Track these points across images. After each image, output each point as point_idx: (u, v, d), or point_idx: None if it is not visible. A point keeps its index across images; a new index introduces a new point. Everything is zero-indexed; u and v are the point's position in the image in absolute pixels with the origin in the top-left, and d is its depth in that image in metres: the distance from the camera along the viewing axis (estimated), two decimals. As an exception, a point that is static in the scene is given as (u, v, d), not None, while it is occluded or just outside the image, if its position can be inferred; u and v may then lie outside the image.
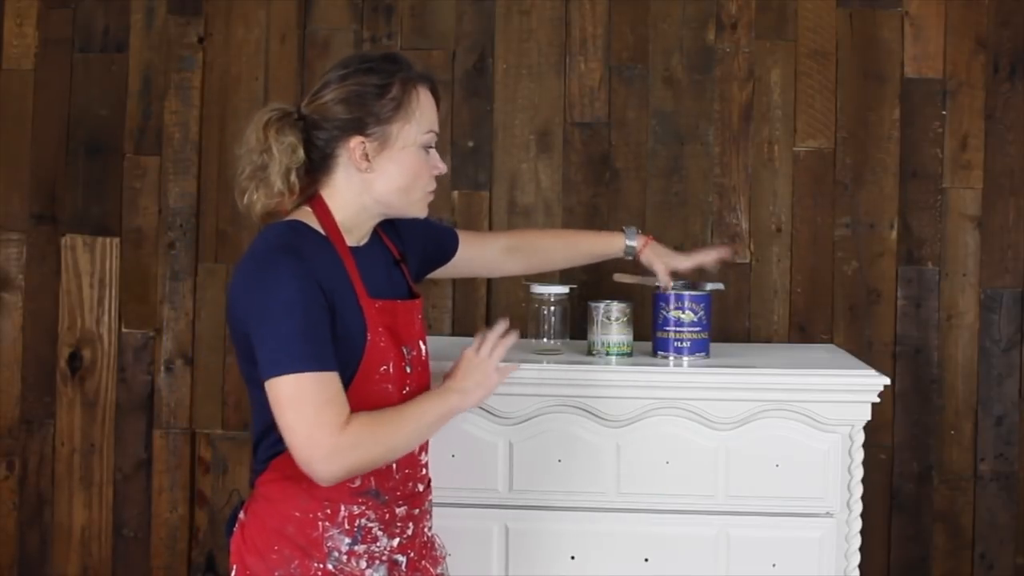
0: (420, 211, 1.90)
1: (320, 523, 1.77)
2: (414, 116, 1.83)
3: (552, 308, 2.49)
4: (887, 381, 2.31)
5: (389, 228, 2.00)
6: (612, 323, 2.44)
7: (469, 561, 2.34)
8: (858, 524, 2.33)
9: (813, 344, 2.90)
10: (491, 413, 2.35)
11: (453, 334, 2.96)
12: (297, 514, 1.77)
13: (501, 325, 1.92)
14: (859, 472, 2.32)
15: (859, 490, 2.33)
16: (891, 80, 2.94)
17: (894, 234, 2.94)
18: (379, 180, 1.83)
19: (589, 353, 2.47)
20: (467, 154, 2.99)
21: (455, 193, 2.99)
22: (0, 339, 3.04)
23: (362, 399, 1.75)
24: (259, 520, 1.80)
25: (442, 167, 1.90)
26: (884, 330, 2.93)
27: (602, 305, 2.45)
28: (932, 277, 2.93)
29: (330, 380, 1.68)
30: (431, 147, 1.87)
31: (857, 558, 2.34)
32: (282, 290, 1.68)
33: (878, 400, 2.32)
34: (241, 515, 1.85)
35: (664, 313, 2.43)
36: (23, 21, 3.04)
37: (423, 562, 1.91)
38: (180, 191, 3.01)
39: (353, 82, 1.81)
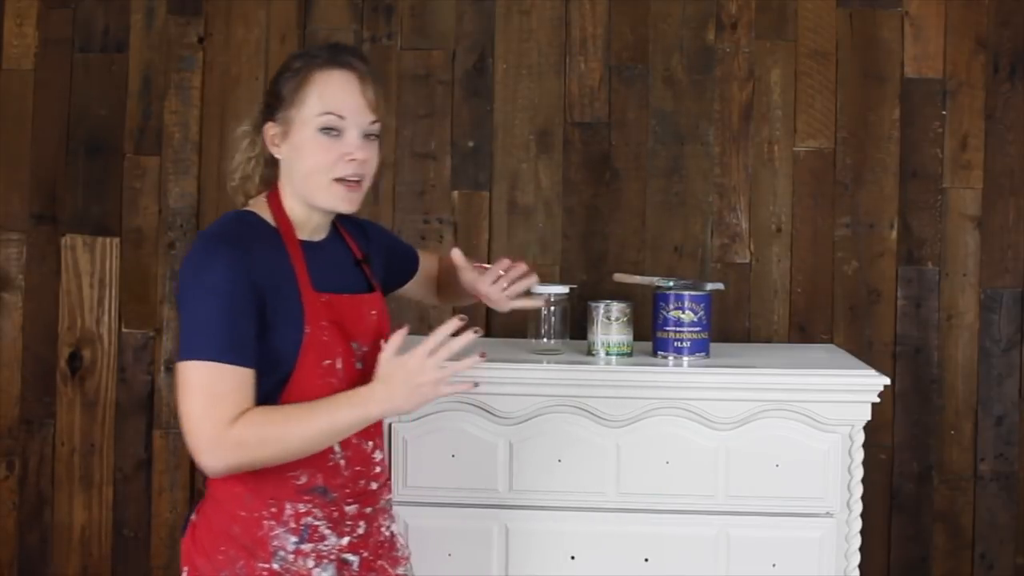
0: (335, 202, 1.79)
1: (265, 522, 1.74)
2: (308, 98, 1.77)
3: (552, 308, 2.49)
4: (887, 381, 2.31)
5: (356, 230, 2.00)
6: (612, 323, 2.44)
7: (469, 561, 2.35)
8: (858, 524, 2.33)
9: (813, 344, 2.90)
10: (491, 413, 2.35)
11: (453, 334, 2.95)
12: (243, 514, 1.75)
13: (452, 323, 1.74)
14: (859, 472, 2.32)
15: (859, 490, 2.33)
16: (891, 80, 2.94)
17: (894, 234, 2.94)
18: (291, 166, 1.81)
19: (589, 353, 2.47)
20: (467, 154, 2.99)
21: (455, 193, 2.99)
22: (0, 339, 3.04)
23: (305, 393, 1.72)
24: (207, 521, 1.78)
25: (356, 153, 1.77)
26: (884, 330, 2.93)
27: (602, 305, 2.45)
28: (932, 277, 2.93)
29: (233, 374, 1.65)
30: (337, 131, 1.77)
31: (857, 558, 2.34)
32: (210, 277, 1.66)
33: (878, 400, 2.32)
34: (193, 516, 1.83)
35: (664, 313, 2.43)
36: (23, 21, 3.04)
37: (380, 562, 1.86)
38: (180, 191, 3.01)
39: (280, 69, 1.83)
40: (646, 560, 2.34)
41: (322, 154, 1.77)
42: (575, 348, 2.53)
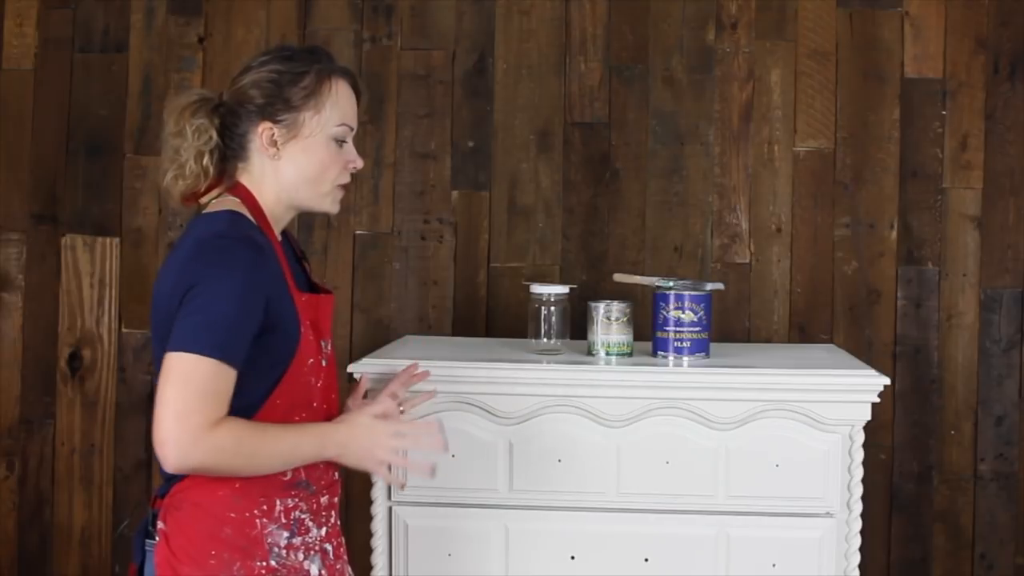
0: (331, 206, 1.88)
1: (258, 520, 1.74)
2: (325, 106, 1.81)
3: (552, 308, 2.49)
4: (887, 381, 2.31)
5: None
6: (612, 323, 2.44)
7: (469, 561, 2.35)
8: (858, 524, 2.33)
9: (813, 344, 2.90)
10: (491, 413, 2.35)
11: (453, 334, 2.96)
12: (232, 515, 1.73)
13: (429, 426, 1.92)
14: (859, 472, 2.32)
15: (859, 490, 2.32)
16: (891, 80, 2.94)
17: (894, 234, 2.94)
18: (288, 168, 1.81)
19: (589, 353, 2.47)
20: (467, 154, 2.99)
21: (455, 193, 2.99)
22: (0, 339, 3.04)
23: (291, 392, 1.75)
24: (185, 528, 1.74)
25: (358, 162, 1.88)
26: (884, 330, 2.93)
27: (602, 305, 2.45)
28: (932, 277, 2.93)
29: (227, 376, 1.66)
30: (344, 141, 1.86)
31: (857, 558, 2.34)
32: (232, 276, 1.67)
33: (878, 400, 2.32)
34: (161, 525, 1.75)
35: (664, 313, 2.43)
36: (23, 21, 3.04)
37: (340, 550, 1.91)
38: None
39: (270, 68, 1.82)
40: (646, 560, 2.34)
41: (333, 161, 1.84)
42: (575, 348, 2.53)
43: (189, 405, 1.63)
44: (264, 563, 1.74)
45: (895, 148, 2.94)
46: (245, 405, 1.71)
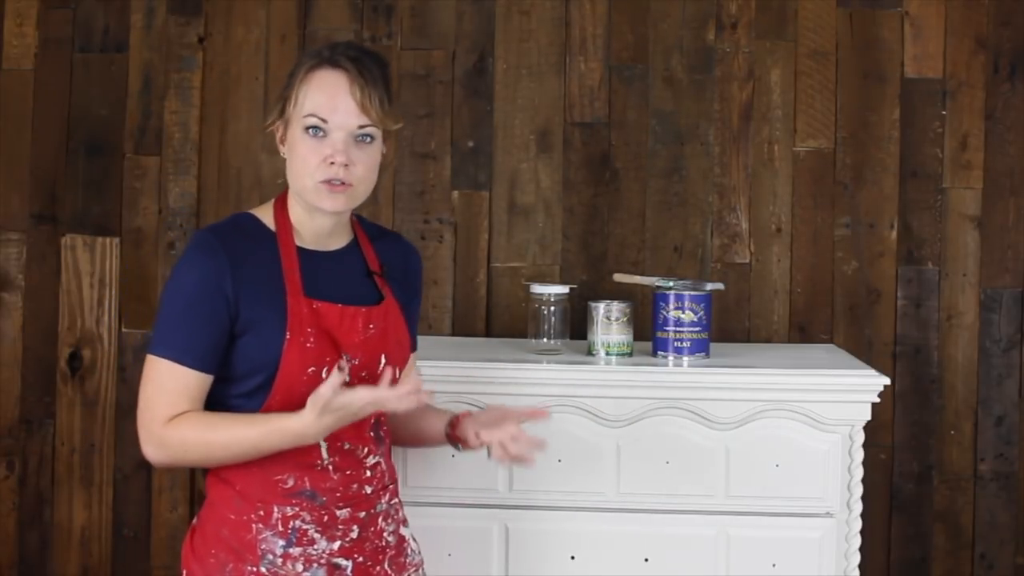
0: (319, 200, 1.75)
1: (253, 525, 1.75)
2: (298, 98, 1.77)
3: (552, 308, 2.49)
4: (887, 381, 2.31)
5: (393, 252, 1.95)
6: (612, 323, 2.44)
7: (469, 561, 2.35)
8: (858, 524, 2.33)
9: (813, 344, 2.90)
10: (491, 413, 2.35)
11: (453, 334, 2.96)
12: (232, 516, 1.76)
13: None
14: (859, 472, 2.32)
15: (859, 490, 2.33)
16: (891, 80, 2.94)
17: (894, 234, 2.94)
18: (288, 166, 1.81)
19: (589, 353, 2.47)
20: (467, 154, 2.99)
21: (455, 193, 2.99)
22: (0, 339, 3.04)
23: (291, 397, 1.72)
24: (204, 524, 1.81)
25: (337, 157, 1.73)
26: (884, 330, 2.93)
27: (602, 305, 2.45)
28: (932, 277, 2.93)
29: (182, 374, 1.70)
30: (319, 131, 1.75)
31: (857, 558, 2.34)
32: (181, 278, 1.73)
33: (878, 400, 2.32)
34: (194, 521, 1.85)
35: (664, 313, 2.43)
36: (23, 21, 3.04)
37: (378, 568, 1.84)
38: (180, 191, 3.01)
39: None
40: (646, 560, 2.34)
41: (309, 155, 1.75)
42: (575, 348, 2.53)
43: (144, 403, 1.72)
44: (254, 568, 1.74)
45: (895, 148, 2.94)
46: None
